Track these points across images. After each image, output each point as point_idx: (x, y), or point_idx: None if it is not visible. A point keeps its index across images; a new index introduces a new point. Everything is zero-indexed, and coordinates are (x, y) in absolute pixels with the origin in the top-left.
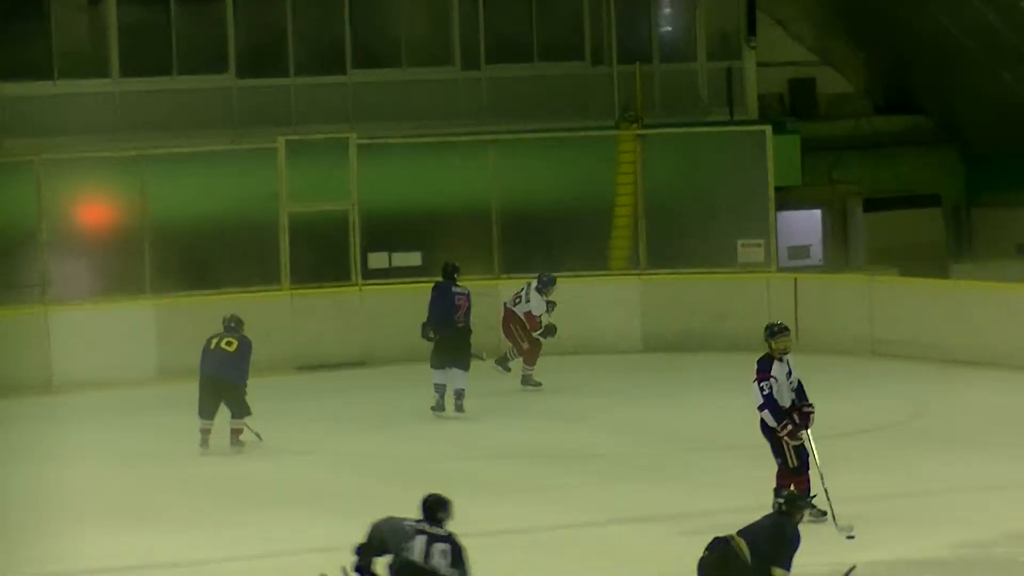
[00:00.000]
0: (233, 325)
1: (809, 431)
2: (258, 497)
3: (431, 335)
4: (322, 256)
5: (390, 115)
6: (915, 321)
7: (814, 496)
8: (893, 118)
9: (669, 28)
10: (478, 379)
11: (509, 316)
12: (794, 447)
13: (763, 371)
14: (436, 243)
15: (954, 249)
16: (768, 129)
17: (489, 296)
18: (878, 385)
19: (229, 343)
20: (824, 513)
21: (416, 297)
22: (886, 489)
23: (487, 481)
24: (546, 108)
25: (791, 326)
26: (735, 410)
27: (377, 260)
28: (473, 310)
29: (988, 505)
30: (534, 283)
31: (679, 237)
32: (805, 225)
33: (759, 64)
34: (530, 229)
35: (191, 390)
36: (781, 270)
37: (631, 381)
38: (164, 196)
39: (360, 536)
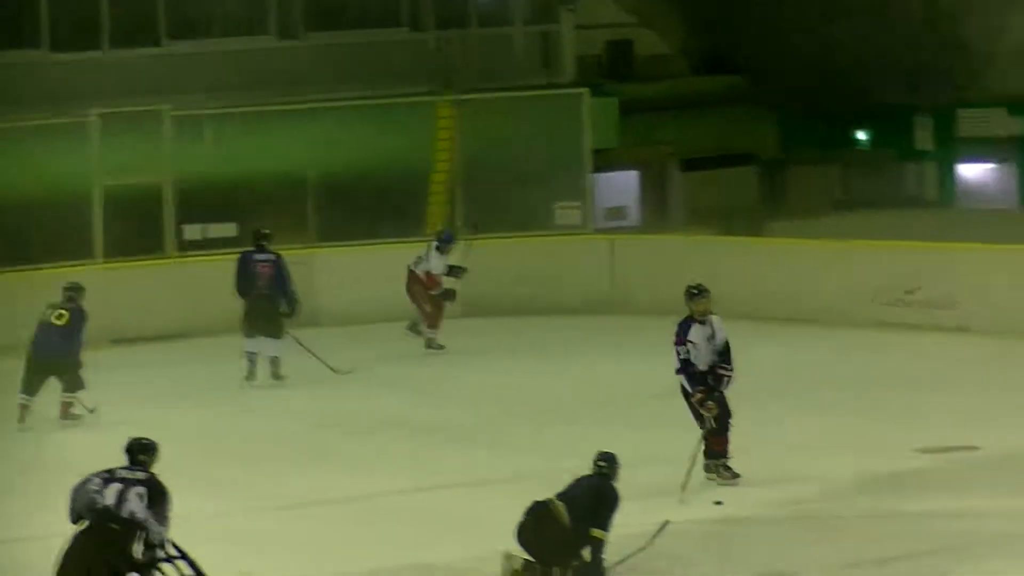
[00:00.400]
0: (70, 295)
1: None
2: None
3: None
4: (137, 229)
5: (206, 86)
6: (731, 279)
7: (728, 458)
8: (709, 79)
9: None
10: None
11: (412, 278)
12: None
13: (680, 335)
14: (252, 214)
15: (770, 207)
16: (585, 92)
17: (305, 265)
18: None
19: (60, 316)
20: (737, 475)
21: (232, 268)
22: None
23: (307, 450)
24: (364, 76)
25: (608, 287)
26: (550, 372)
27: (192, 232)
28: (293, 278)
29: (807, 462)
30: (435, 243)
31: (497, 201)
32: (623, 186)
33: (576, 27)
34: (347, 197)
35: (4, 367)
36: (598, 231)
37: (453, 344)
38: None
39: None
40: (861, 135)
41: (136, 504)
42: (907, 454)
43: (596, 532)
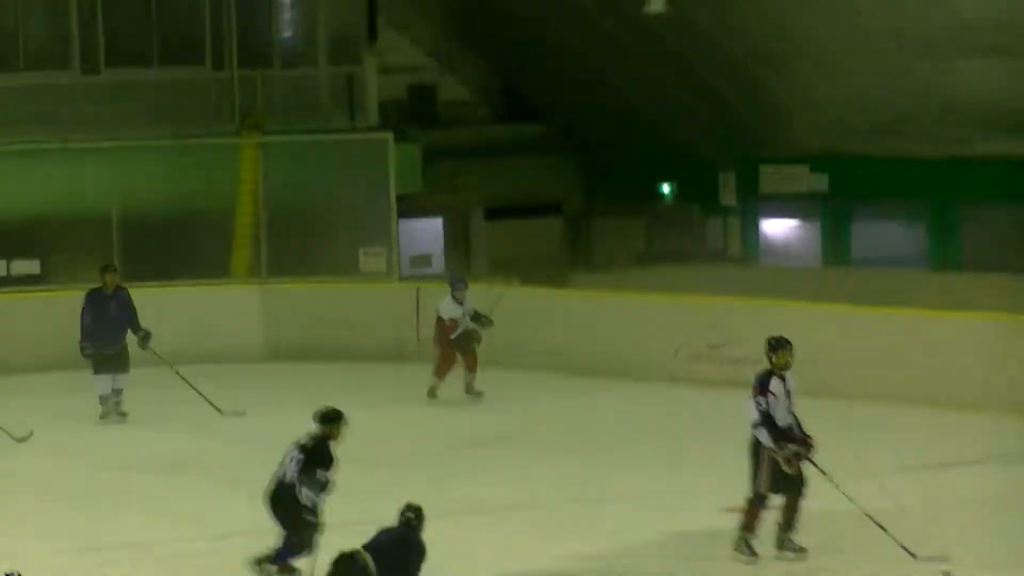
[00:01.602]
0: None
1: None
2: None
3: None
4: None
5: (7, 120)
6: (535, 329)
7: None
8: (513, 126)
9: (290, 33)
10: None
11: (438, 323)
12: (776, 472)
13: (761, 385)
14: (56, 251)
15: (574, 258)
16: (389, 136)
17: None
18: (494, 394)
19: None
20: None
21: (35, 305)
22: (508, 500)
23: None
24: (167, 113)
25: (413, 335)
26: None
27: None
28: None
29: (609, 516)
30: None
31: (302, 245)
32: (427, 233)
33: (380, 71)
34: (151, 236)
35: None
36: (403, 279)
37: (253, 391)
38: None
39: None
40: (665, 188)
41: (290, 467)
42: (711, 512)
43: None
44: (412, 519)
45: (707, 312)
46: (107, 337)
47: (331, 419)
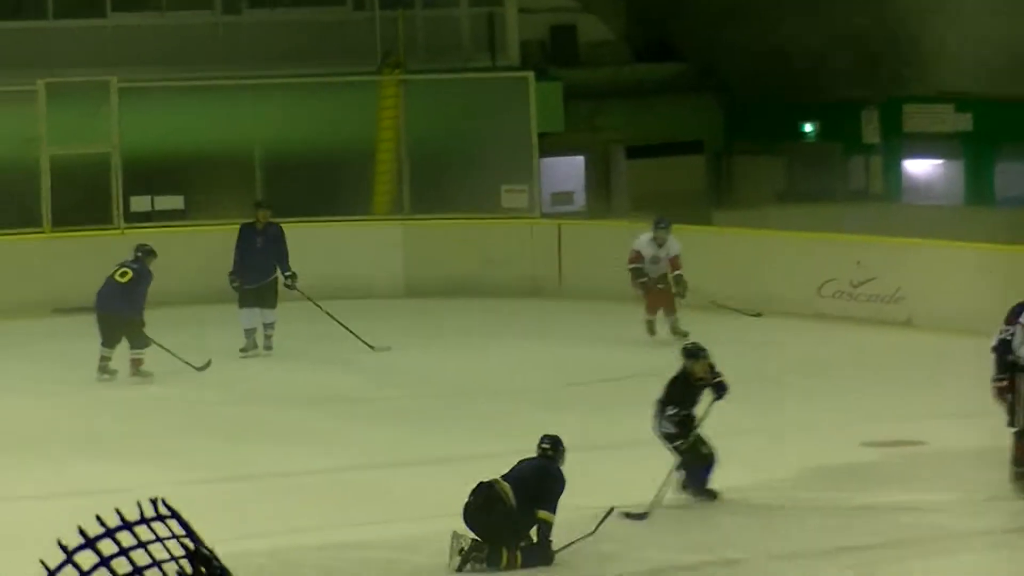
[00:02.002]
0: (138, 255)
1: None
2: (21, 439)
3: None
4: (84, 199)
5: (151, 59)
6: None
7: None
8: (653, 65)
9: None
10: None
11: None
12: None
13: (1013, 316)
14: (199, 187)
15: (715, 196)
16: (530, 76)
17: None
18: (639, 331)
19: (124, 273)
20: None
21: (179, 240)
22: (648, 434)
23: (254, 425)
24: (309, 53)
25: (554, 272)
26: (497, 354)
27: (139, 203)
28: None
29: (748, 450)
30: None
31: (443, 183)
32: (568, 171)
33: (520, 10)
34: (293, 174)
35: None
36: (545, 216)
37: (394, 326)
38: None
39: (125, 478)
40: (808, 127)
41: None
42: (851, 447)
43: (542, 514)
44: (549, 450)
45: (850, 250)
46: (252, 272)
47: (690, 355)
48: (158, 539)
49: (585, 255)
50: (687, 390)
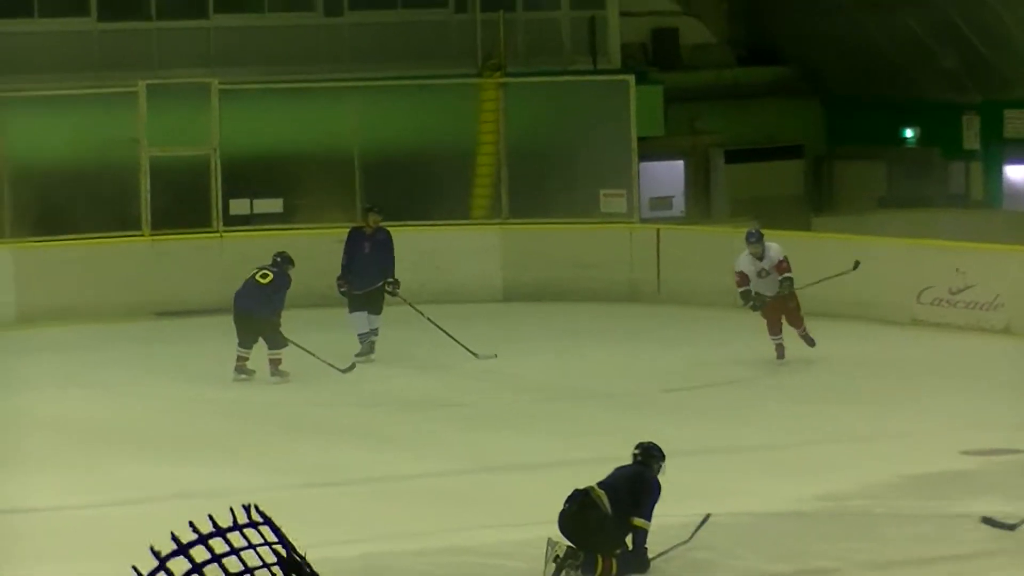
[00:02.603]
0: (278, 260)
1: None
2: (119, 442)
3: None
4: (183, 201)
5: (252, 60)
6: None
7: None
8: (755, 69)
9: None
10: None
11: None
12: None
13: None
14: (298, 190)
15: (815, 201)
16: (631, 79)
17: None
18: (738, 337)
19: (264, 275)
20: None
21: (276, 244)
22: (747, 440)
23: (350, 428)
24: (408, 55)
25: (653, 277)
26: (596, 360)
27: (238, 206)
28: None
29: (844, 457)
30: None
31: (541, 187)
32: (667, 176)
33: (622, 13)
34: (392, 176)
35: (50, 333)
36: (643, 221)
37: (491, 331)
38: (24, 139)
39: (220, 481)
40: (908, 133)
41: None
42: (950, 455)
43: (638, 521)
44: (645, 457)
45: (949, 257)
46: (361, 277)
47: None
48: (250, 546)
49: (684, 260)
50: None
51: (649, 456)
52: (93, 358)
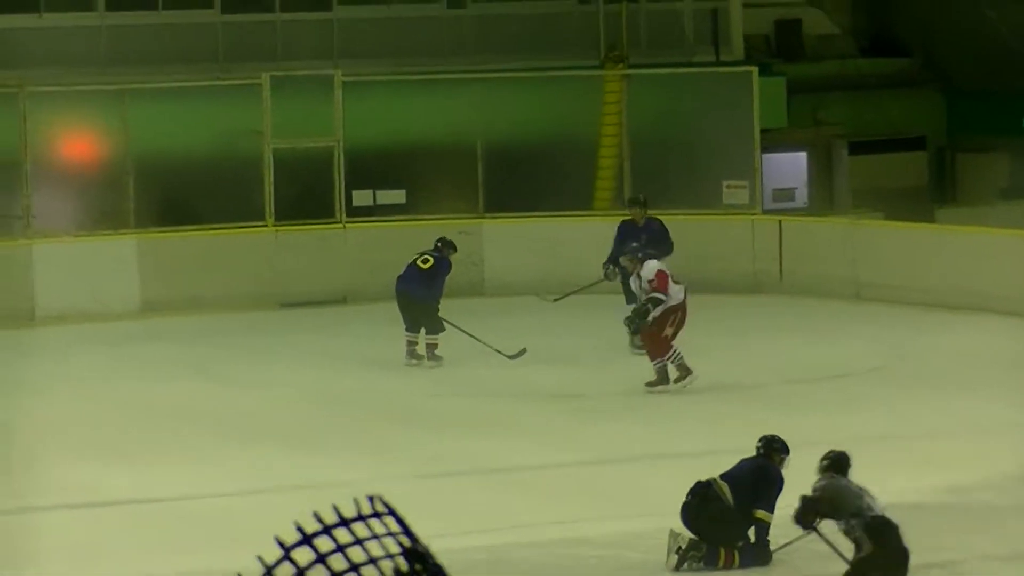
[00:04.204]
0: (439, 246)
1: None
2: (239, 432)
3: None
4: (306, 193)
5: (375, 52)
6: (898, 265)
7: None
8: (878, 60)
9: None
10: (472, 317)
11: None
12: None
13: None
14: (420, 181)
15: (937, 192)
16: (754, 70)
17: (471, 235)
18: (861, 328)
19: (425, 260)
20: None
21: (399, 235)
22: (868, 431)
23: (470, 419)
24: (531, 46)
25: (775, 268)
26: (719, 352)
27: (361, 197)
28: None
29: (969, 449)
30: None
31: (664, 177)
32: (790, 167)
33: (745, 5)
34: (514, 168)
35: (173, 323)
36: (766, 212)
37: (615, 322)
38: (148, 130)
39: (342, 472)
40: None
41: None
42: None
43: (760, 513)
44: (768, 449)
45: None
46: None
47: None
48: (375, 536)
49: (806, 251)
50: None
51: (771, 448)
52: (217, 348)
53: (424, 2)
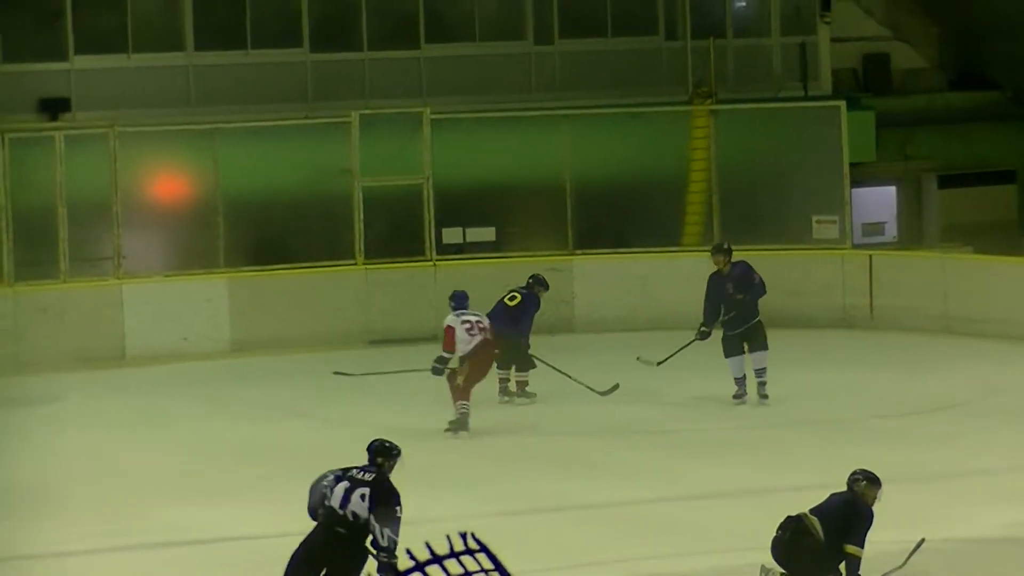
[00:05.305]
0: (530, 282)
1: None
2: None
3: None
4: (395, 231)
5: (463, 89)
6: (989, 299)
7: None
8: (967, 93)
9: (743, 3)
10: (563, 354)
11: None
12: None
13: None
14: (509, 218)
15: None
16: (842, 105)
17: (562, 272)
18: (951, 362)
19: (512, 297)
20: None
21: (489, 272)
22: (960, 467)
23: (556, 456)
24: (619, 82)
25: (865, 303)
26: (808, 387)
27: (451, 235)
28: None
29: None
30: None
31: (753, 213)
32: (879, 201)
33: (832, 40)
34: (602, 204)
35: (263, 364)
36: (856, 247)
37: (701, 357)
38: (237, 170)
39: (434, 509)
40: None
41: (358, 505)
42: None
43: (851, 548)
44: (853, 484)
45: None
46: (733, 320)
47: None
48: (467, 573)
49: (896, 285)
50: None
51: (861, 483)
52: (308, 388)
53: (512, 39)
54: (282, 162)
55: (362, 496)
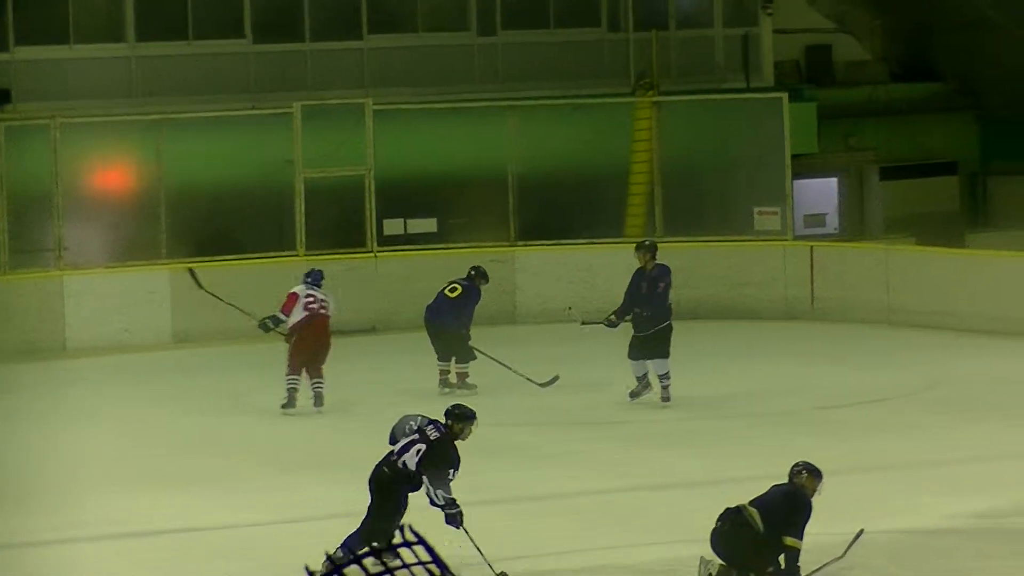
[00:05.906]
0: (471, 273)
1: None
2: (276, 461)
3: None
4: (338, 222)
5: (406, 80)
6: (931, 290)
7: None
8: (910, 85)
9: None
10: (504, 345)
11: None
12: None
13: None
14: (452, 210)
15: (969, 218)
16: (785, 96)
17: (503, 263)
18: (893, 354)
19: (453, 289)
20: None
21: (430, 264)
22: (902, 458)
23: (502, 447)
24: (562, 74)
25: (807, 295)
26: (751, 378)
27: (393, 226)
28: (490, 278)
29: (1005, 474)
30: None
31: (695, 204)
32: (821, 193)
33: (775, 31)
34: (545, 196)
35: (205, 355)
36: (797, 238)
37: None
38: (180, 161)
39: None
40: None
41: (411, 458)
42: None
43: (789, 540)
44: (794, 476)
45: None
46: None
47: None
48: (404, 565)
49: (838, 277)
50: None
51: (803, 475)
52: (249, 379)
53: (455, 30)
54: (225, 153)
55: (417, 451)
